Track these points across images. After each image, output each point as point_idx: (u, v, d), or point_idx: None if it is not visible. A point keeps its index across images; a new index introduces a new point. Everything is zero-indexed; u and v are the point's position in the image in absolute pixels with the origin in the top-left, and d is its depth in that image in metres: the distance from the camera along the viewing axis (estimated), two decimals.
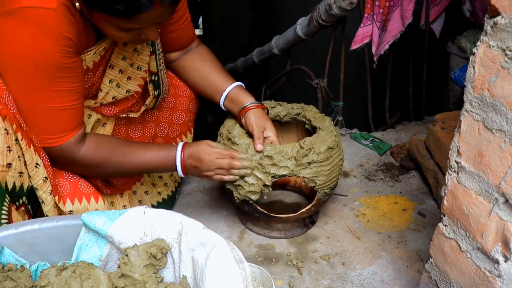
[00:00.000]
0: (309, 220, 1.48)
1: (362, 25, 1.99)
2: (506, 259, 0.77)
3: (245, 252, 1.37)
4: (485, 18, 0.76)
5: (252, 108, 1.30)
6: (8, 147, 0.91)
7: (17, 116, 0.96)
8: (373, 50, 2.04)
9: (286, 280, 1.26)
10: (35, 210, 1.08)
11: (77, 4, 0.96)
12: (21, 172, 0.97)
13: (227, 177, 1.23)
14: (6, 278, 0.82)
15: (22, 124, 0.97)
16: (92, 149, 1.11)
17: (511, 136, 0.73)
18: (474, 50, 0.79)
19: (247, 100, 1.32)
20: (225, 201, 1.60)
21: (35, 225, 0.88)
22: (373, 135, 2.06)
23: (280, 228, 1.43)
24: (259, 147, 1.22)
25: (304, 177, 1.24)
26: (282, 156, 1.22)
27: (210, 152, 1.21)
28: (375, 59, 2.08)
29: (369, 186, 1.70)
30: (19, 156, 0.95)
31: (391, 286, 1.25)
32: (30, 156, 0.97)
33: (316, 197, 1.30)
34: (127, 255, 0.85)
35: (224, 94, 1.34)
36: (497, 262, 0.79)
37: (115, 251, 0.90)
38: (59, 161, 1.09)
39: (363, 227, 1.48)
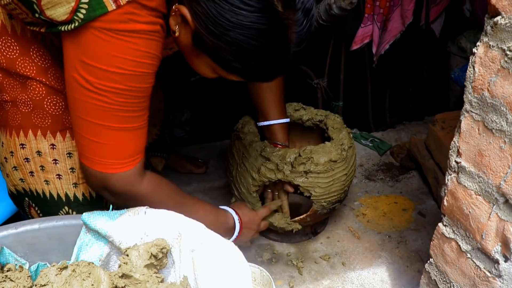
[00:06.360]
0: (311, 230, 1.45)
1: (362, 25, 1.99)
2: (506, 259, 0.77)
3: (245, 252, 1.36)
4: (485, 18, 0.76)
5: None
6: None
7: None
8: (374, 50, 2.04)
9: (286, 280, 1.26)
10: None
11: (177, 33, 0.83)
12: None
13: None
14: (5, 279, 0.82)
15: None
16: (153, 186, 0.99)
17: (511, 136, 0.73)
18: (474, 50, 0.79)
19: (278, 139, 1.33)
20: (225, 201, 1.59)
21: (35, 225, 0.88)
22: (373, 135, 2.06)
23: (279, 232, 1.42)
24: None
25: (299, 185, 1.22)
26: (280, 160, 1.21)
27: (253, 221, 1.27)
28: (375, 59, 2.08)
29: (369, 186, 1.70)
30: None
31: (391, 286, 1.25)
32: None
33: (311, 208, 1.27)
34: (127, 255, 0.85)
35: (266, 123, 1.34)
36: (497, 262, 0.79)
37: (115, 251, 0.90)
38: (114, 191, 0.94)
39: (363, 227, 1.48)
